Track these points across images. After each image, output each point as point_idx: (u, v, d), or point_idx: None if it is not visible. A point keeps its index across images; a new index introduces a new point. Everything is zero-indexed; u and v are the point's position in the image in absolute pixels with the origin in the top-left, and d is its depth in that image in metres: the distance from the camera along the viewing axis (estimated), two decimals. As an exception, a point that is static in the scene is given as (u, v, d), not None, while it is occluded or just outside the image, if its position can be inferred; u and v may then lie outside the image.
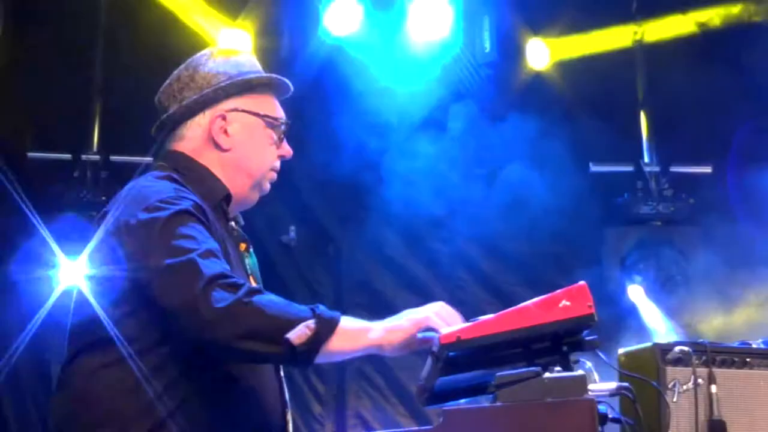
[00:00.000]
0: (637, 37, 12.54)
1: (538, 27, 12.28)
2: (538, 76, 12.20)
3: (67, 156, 11.61)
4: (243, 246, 5.29)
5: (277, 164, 5.37)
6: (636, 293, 12.03)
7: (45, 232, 10.66)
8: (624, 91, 12.52)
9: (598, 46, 12.38)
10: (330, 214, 11.53)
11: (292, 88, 5.45)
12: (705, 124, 12.30)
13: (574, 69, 12.35)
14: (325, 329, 4.64)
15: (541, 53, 12.22)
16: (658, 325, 11.84)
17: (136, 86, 10.94)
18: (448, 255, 11.85)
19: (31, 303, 10.94)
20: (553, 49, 12.33)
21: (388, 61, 11.79)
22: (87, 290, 4.97)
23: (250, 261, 5.31)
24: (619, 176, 12.35)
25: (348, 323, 4.75)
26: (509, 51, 12.13)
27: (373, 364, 11.75)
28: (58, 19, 11.58)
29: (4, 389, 11.53)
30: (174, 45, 10.82)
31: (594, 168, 12.28)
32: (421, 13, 11.75)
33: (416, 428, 5.06)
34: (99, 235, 4.94)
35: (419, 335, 4.86)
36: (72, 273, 10.80)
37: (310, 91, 9.28)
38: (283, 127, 5.36)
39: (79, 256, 5.28)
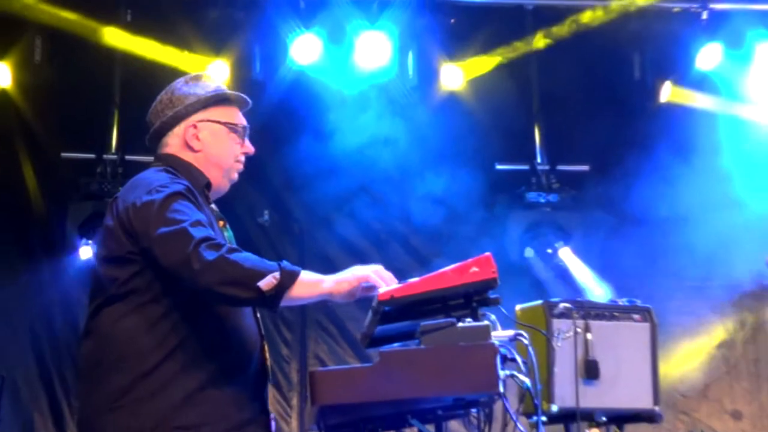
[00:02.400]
0: (531, 50, 12.58)
1: (454, 54, 12.35)
2: (452, 94, 12.34)
3: (92, 156, 11.80)
4: (221, 223, 5.45)
5: (242, 158, 5.57)
6: (566, 255, 12.40)
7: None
8: (521, 103, 12.73)
9: (501, 60, 12.45)
10: (295, 201, 11.67)
11: (249, 102, 5.68)
12: (584, 130, 12.58)
13: (483, 86, 12.44)
14: (288, 279, 4.81)
15: (455, 75, 12.30)
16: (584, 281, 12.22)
17: (145, 103, 11.23)
18: (385, 232, 12.13)
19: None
20: (466, 70, 12.36)
21: (341, 84, 12.03)
22: (102, 259, 5.21)
23: (227, 234, 5.46)
24: (518, 173, 12.60)
25: (306, 276, 4.91)
26: (428, 75, 12.29)
27: (328, 317, 12.04)
28: (85, 52, 11.74)
29: (45, 343, 11.72)
30: (172, 75, 11.03)
31: (499, 166, 12.58)
32: (366, 46, 11.94)
33: (360, 365, 5.26)
34: (108, 220, 5.20)
35: (362, 286, 5.03)
36: (92, 247, 10.90)
37: (281, 107, 9.54)
38: (243, 130, 5.58)
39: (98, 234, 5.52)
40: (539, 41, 12.50)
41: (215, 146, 5.46)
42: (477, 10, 12.34)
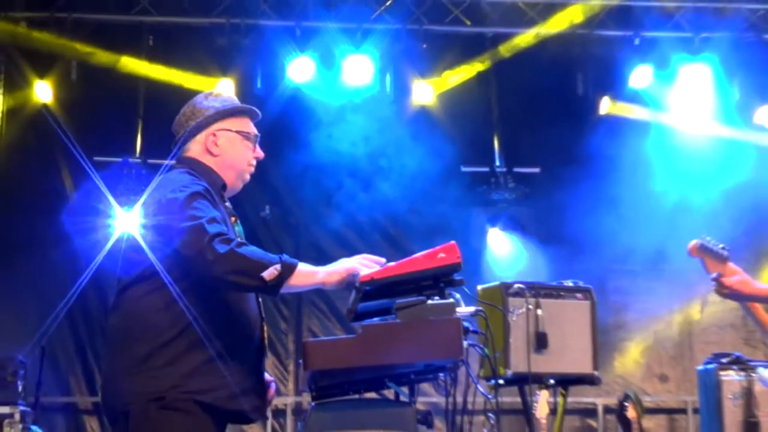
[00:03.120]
0: (490, 69, 12.68)
1: (425, 73, 12.35)
2: (424, 107, 12.38)
3: (119, 159, 11.75)
4: (233, 219, 5.44)
5: (254, 162, 5.58)
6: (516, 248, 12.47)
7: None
8: (483, 115, 12.76)
9: (464, 78, 12.54)
10: (292, 198, 11.72)
11: (260, 114, 5.66)
12: (535, 138, 12.62)
13: (450, 100, 12.50)
14: (288, 271, 4.88)
15: (426, 91, 12.29)
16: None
17: (164, 114, 11.23)
18: (368, 224, 12.16)
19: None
20: (435, 87, 12.36)
21: (331, 99, 12.06)
22: (130, 246, 5.25)
23: (238, 229, 5.44)
24: (480, 174, 12.57)
25: (303, 267, 4.98)
26: (404, 91, 12.34)
27: (320, 296, 12.03)
28: (113, 72, 11.75)
29: (78, 318, 11.72)
30: (186, 91, 11.06)
31: (464, 169, 12.52)
32: (352, 67, 11.97)
33: (346, 336, 5.30)
34: (141, 208, 5.25)
35: (350, 276, 5.07)
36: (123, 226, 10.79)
37: (279, 119, 9.54)
38: (254, 138, 5.58)
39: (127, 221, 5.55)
40: (499, 54, 12.53)
41: (231, 152, 5.49)
42: (445, 36, 12.36)
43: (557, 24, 12.39)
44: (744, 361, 8.12)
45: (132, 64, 11.83)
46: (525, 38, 12.44)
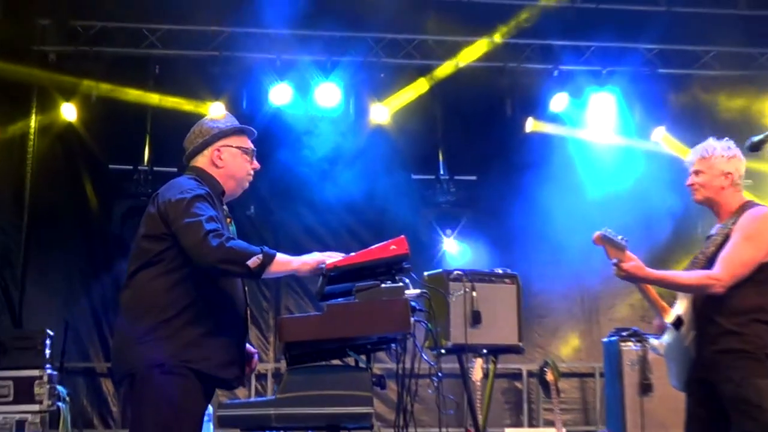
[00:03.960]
0: (435, 95, 12.66)
1: (382, 97, 12.38)
2: (380, 126, 12.38)
3: (130, 167, 11.74)
4: (228, 220, 5.50)
5: (251, 173, 5.63)
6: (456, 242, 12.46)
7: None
8: (429, 132, 12.69)
9: (412, 98, 12.50)
10: (273, 200, 11.73)
11: (256, 133, 5.72)
12: (472, 151, 12.70)
13: (402, 119, 12.48)
14: (268, 260, 4.99)
15: (382, 112, 12.28)
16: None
17: (168, 130, 11.21)
18: (335, 222, 12.24)
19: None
20: (390, 108, 12.34)
21: (306, 119, 12.07)
22: (141, 237, 5.29)
23: (232, 228, 5.51)
24: (427, 181, 12.60)
25: (280, 257, 5.07)
26: (360, 111, 12.36)
27: (296, 281, 12.02)
28: (126, 94, 11.74)
29: (96, 297, 11.69)
30: (185, 112, 11.07)
31: (414, 177, 12.54)
32: (323, 93, 11.97)
33: (314, 313, 5.32)
34: (151, 208, 5.29)
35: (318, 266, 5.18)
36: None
37: (263, 135, 9.39)
38: (251, 153, 5.62)
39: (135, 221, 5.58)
40: (436, 79, 12.50)
41: (233, 164, 5.54)
42: (399, 67, 12.34)
43: (469, 56, 12.43)
44: (640, 335, 8.17)
45: (141, 89, 11.81)
46: (448, 67, 12.42)
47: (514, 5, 12.38)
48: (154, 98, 11.78)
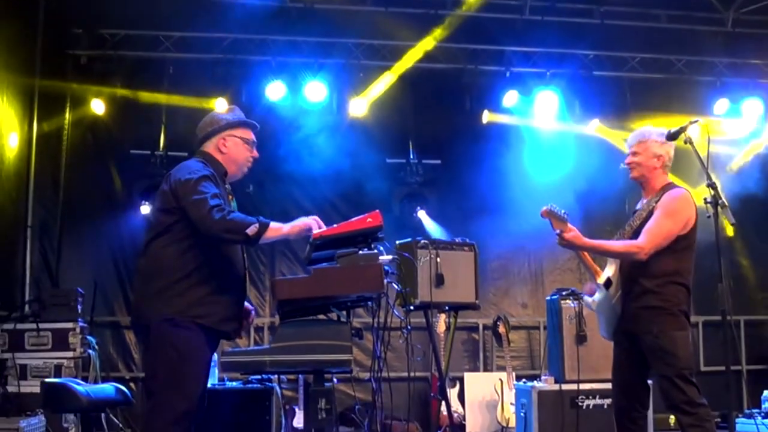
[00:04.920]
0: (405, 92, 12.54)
1: (361, 91, 12.26)
2: (360, 118, 12.27)
3: (149, 152, 11.70)
4: (230, 197, 5.56)
5: (251, 160, 5.70)
6: (422, 215, 12.38)
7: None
8: (401, 122, 12.63)
9: (385, 90, 12.37)
10: (268, 180, 11.63)
11: (258, 126, 5.78)
12: (438, 138, 12.67)
13: (378, 112, 12.41)
14: (263, 228, 5.07)
15: (361, 105, 12.17)
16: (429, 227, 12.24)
17: (181, 120, 11.19)
18: (321, 198, 12.14)
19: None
20: (368, 98, 12.24)
21: (296, 112, 11.96)
22: (156, 210, 5.40)
23: (234, 203, 5.56)
24: (399, 164, 12.49)
25: (273, 225, 5.16)
26: (340, 105, 12.25)
27: (288, 248, 12.03)
28: (145, 91, 11.76)
29: (120, 261, 11.67)
30: (195, 106, 11.01)
31: (388, 160, 12.44)
32: (311, 90, 11.89)
33: (303, 275, 5.34)
34: (164, 186, 5.34)
35: (305, 230, 5.24)
36: (149, 205, 10.90)
37: (260, 125, 9.37)
38: (252, 143, 5.68)
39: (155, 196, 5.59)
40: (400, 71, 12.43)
41: (235, 152, 5.61)
42: (375, 68, 12.29)
43: (418, 53, 12.35)
44: (577, 294, 8.16)
45: (157, 87, 11.77)
46: (412, 56, 12.35)
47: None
48: (168, 95, 11.71)
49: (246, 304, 5.61)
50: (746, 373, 12.57)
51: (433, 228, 12.24)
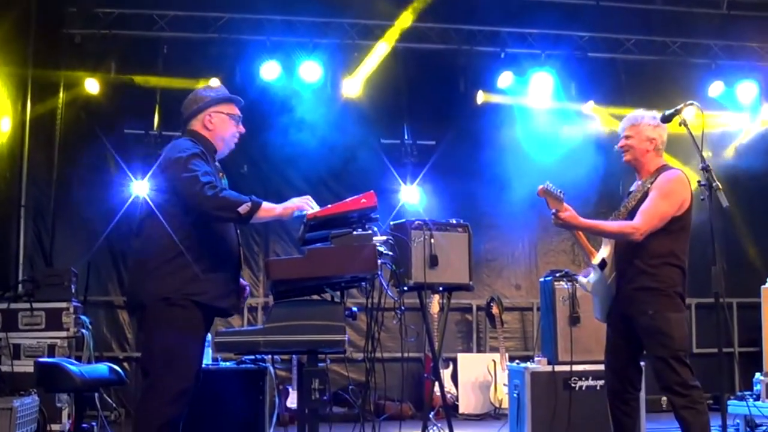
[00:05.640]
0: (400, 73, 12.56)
1: (356, 71, 12.26)
2: (356, 99, 12.30)
3: (143, 131, 11.71)
4: (221, 174, 5.55)
5: (237, 135, 5.68)
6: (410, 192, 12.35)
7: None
8: (396, 103, 12.59)
9: (377, 67, 12.37)
10: (262, 159, 11.65)
11: (242, 101, 5.75)
12: (432, 119, 12.69)
13: (374, 92, 12.44)
14: (256, 207, 5.08)
15: (355, 85, 12.20)
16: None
17: (174, 100, 11.11)
18: (315, 178, 12.05)
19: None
20: (363, 82, 12.28)
21: (290, 91, 11.90)
22: (149, 190, 5.42)
23: (224, 181, 5.54)
24: (394, 145, 12.52)
25: (266, 204, 5.16)
26: (334, 85, 12.22)
27: (282, 228, 12.02)
28: (142, 71, 11.72)
29: (115, 241, 11.63)
30: (188, 86, 10.94)
31: (383, 141, 12.46)
32: (305, 70, 11.87)
33: (296, 256, 5.31)
34: (157, 166, 5.38)
35: (298, 211, 5.24)
36: (141, 185, 10.83)
37: (255, 105, 9.40)
38: (238, 118, 5.66)
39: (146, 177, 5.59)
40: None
41: (221, 128, 5.59)
42: (370, 48, 12.24)
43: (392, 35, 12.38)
44: (570, 275, 8.16)
45: (152, 66, 11.77)
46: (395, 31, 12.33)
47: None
48: (162, 74, 11.71)
49: (240, 280, 5.61)
50: (738, 356, 12.59)
51: (428, 209, 12.23)
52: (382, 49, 12.14)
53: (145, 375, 5.19)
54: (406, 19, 12.20)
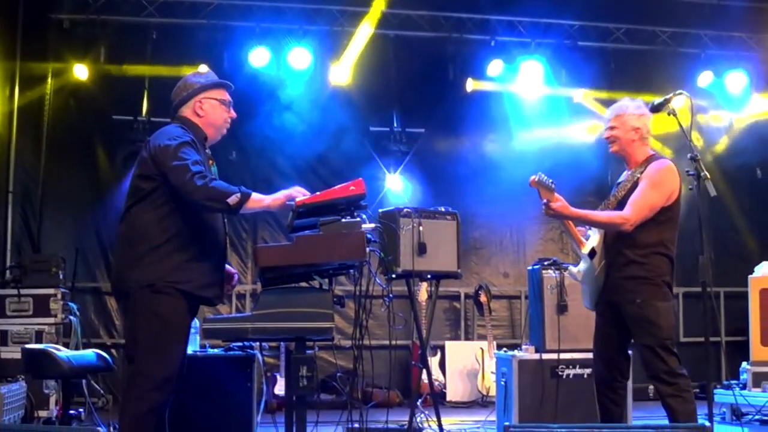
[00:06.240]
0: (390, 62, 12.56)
1: (344, 59, 12.18)
2: (345, 86, 12.26)
3: (131, 118, 11.65)
4: (211, 161, 5.52)
5: (228, 121, 5.62)
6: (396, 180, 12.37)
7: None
8: (386, 90, 12.60)
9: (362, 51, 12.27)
10: (251, 146, 11.61)
11: (232, 86, 5.70)
12: (422, 108, 12.67)
13: (363, 80, 12.40)
14: (245, 198, 5.01)
15: (343, 72, 12.14)
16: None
17: (163, 87, 11.07)
18: (304, 166, 12.06)
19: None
20: (352, 69, 12.20)
21: (279, 78, 11.88)
22: (136, 177, 5.31)
23: (214, 169, 5.51)
24: (383, 132, 12.51)
25: (255, 196, 5.10)
26: (324, 72, 12.16)
27: (270, 215, 11.90)
28: (130, 57, 11.69)
29: (102, 228, 11.60)
30: (176, 73, 10.90)
31: (372, 128, 12.47)
32: (295, 56, 11.80)
33: (285, 243, 5.31)
34: (144, 152, 5.29)
35: (287, 201, 5.17)
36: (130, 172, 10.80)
37: (244, 92, 9.30)
38: (228, 104, 5.61)
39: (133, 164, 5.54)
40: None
41: (212, 114, 5.53)
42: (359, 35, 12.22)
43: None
44: (559, 264, 8.15)
45: (141, 52, 11.67)
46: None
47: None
48: (151, 60, 11.63)
49: (229, 268, 5.60)
50: (725, 345, 12.66)
51: (415, 196, 12.23)
52: (365, 32, 12.04)
53: (130, 362, 5.17)
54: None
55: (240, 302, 11.90)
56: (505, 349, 8.63)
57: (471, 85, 12.53)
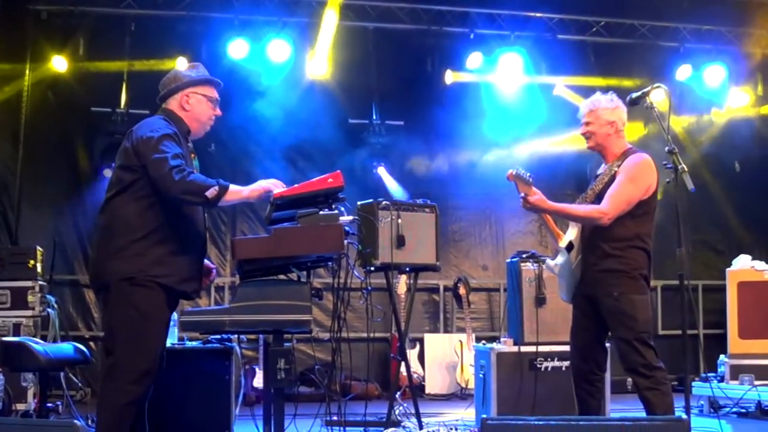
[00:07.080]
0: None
1: (323, 51, 12.08)
2: (324, 78, 12.22)
3: (110, 109, 11.56)
4: (192, 155, 5.52)
5: (213, 118, 5.63)
6: (383, 172, 12.41)
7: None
8: (364, 83, 12.55)
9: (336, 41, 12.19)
10: (230, 138, 11.53)
11: (221, 84, 5.71)
12: (401, 100, 12.67)
13: (343, 72, 12.35)
14: (223, 191, 5.01)
15: (321, 64, 12.08)
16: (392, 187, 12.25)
17: (142, 78, 11.08)
18: (283, 158, 12.03)
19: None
20: (330, 61, 12.13)
21: (258, 70, 11.86)
22: (117, 167, 5.30)
23: (195, 163, 5.54)
24: (362, 125, 12.48)
25: (233, 188, 5.10)
26: (303, 64, 12.11)
27: (249, 208, 12.00)
28: (109, 49, 11.66)
29: (81, 220, 11.57)
30: (157, 65, 10.91)
31: (351, 121, 12.46)
32: (274, 48, 11.75)
33: (263, 235, 5.33)
34: (126, 143, 5.28)
35: (265, 193, 5.20)
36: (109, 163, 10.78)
37: (222, 84, 9.29)
38: (215, 101, 5.61)
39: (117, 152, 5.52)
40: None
41: (198, 109, 5.54)
42: (338, 26, 12.18)
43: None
44: (537, 257, 8.17)
45: (119, 43, 11.60)
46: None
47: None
48: (130, 52, 11.57)
49: (207, 262, 5.60)
50: (703, 338, 12.75)
51: (393, 186, 12.27)
52: (331, 18, 11.95)
53: (109, 354, 5.16)
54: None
55: (218, 294, 11.89)
56: (483, 341, 8.66)
57: (450, 77, 12.52)
